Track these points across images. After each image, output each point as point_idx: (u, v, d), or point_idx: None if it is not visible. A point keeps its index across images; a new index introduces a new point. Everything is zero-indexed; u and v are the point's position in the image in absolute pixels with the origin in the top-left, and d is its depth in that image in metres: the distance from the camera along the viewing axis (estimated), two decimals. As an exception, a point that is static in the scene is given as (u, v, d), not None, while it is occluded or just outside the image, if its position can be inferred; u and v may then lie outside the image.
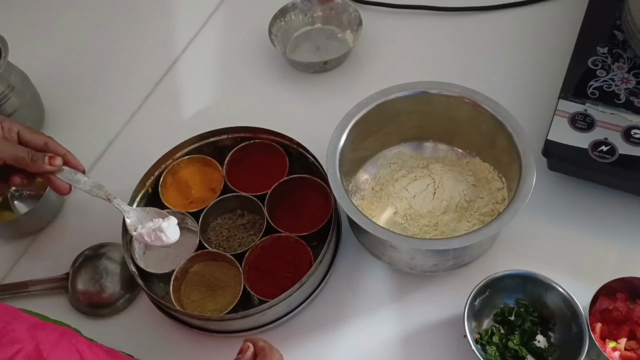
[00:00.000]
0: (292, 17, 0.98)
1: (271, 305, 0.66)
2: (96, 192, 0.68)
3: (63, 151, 0.67)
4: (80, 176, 0.68)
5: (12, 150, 0.64)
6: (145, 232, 0.68)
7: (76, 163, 0.68)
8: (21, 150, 0.64)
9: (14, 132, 0.65)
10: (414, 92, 0.75)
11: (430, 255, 0.67)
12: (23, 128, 0.66)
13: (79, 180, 0.67)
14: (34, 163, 0.64)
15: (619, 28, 0.81)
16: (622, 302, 0.68)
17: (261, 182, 0.78)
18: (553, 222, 0.76)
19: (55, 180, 0.66)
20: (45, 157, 0.65)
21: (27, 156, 0.64)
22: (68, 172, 0.67)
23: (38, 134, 0.67)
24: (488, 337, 0.67)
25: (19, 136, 0.65)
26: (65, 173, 0.67)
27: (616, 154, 0.72)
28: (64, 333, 0.55)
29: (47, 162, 0.65)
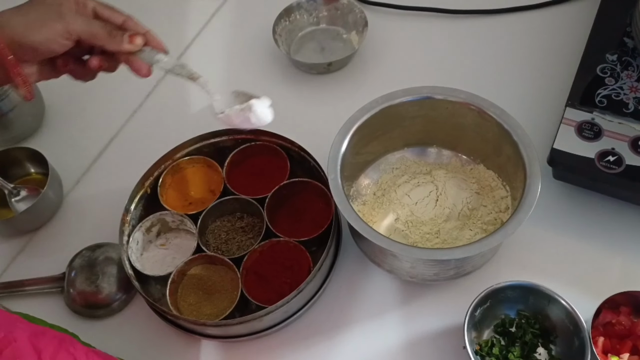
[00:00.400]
0: (297, 16, 0.97)
1: (268, 311, 0.65)
2: (179, 71, 0.63)
3: (143, 30, 0.62)
4: (161, 55, 0.62)
5: (86, 24, 0.58)
6: (233, 113, 0.63)
7: (157, 44, 0.62)
8: (96, 25, 0.58)
9: (89, 8, 0.59)
10: (419, 97, 0.73)
11: (432, 265, 0.66)
12: (98, 4, 0.60)
13: (160, 60, 0.62)
14: (112, 39, 0.59)
15: (629, 35, 0.80)
16: (626, 316, 0.66)
17: (261, 184, 0.77)
18: (557, 233, 0.75)
19: (134, 60, 0.61)
20: (125, 35, 0.59)
21: (104, 31, 0.58)
22: (149, 52, 0.62)
23: (115, 11, 0.61)
24: (488, 348, 0.66)
25: (95, 12, 0.59)
26: (146, 53, 0.62)
27: (623, 164, 0.70)
28: (63, 341, 0.54)
29: (127, 39, 0.59)
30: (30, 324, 0.56)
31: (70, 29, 0.57)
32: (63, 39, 0.57)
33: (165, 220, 0.75)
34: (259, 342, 0.71)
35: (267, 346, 0.71)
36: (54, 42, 0.57)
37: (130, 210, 0.74)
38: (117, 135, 0.90)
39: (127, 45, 0.60)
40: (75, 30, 0.57)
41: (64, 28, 0.56)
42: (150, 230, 0.75)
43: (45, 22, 0.56)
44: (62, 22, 0.56)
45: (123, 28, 0.61)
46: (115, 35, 0.59)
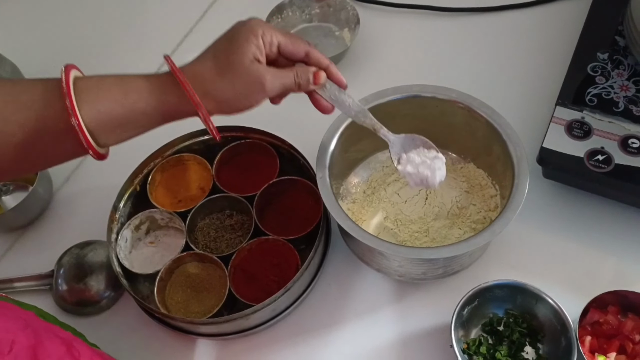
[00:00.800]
0: (289, 13, 0.96)
1: (255, 310, 0.65)
2: (362, 120, 0.63)
3: (326, 62, 0.61)
4: (345, 96, 0.62)
5: (280, 84, 0.58)
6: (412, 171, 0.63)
7: (339, 78, 0.62)
8: (288, 78, 0.59)
9: (275, 47, 0.59)
10: (409, 95, 0.73)
11: (419, 264, 0.66)
12: (283, 38, 0.59)
13: (343, 102, 0.62)
14: (299, 87, 0.60)
15: (620, 34, 0.80)
16: (614, 315, 0.66)
17: (251, 182, 0.76)
18: (546, 231, 0.75)
19: (318, 99, 0.62)
20: (310, 76, 0.60)
21: (294, 84, 0.59)
22: (331, 89, 0.61)
23: (298, 43, 0.60)
24: (475, 347, 0.66)
25: (280, 49, 0.59)
26: (329, 91, 0.61)
27: (612, 163, 0.70)
28: (70, 347, 0.54)
29: (312, 81, 0.60)
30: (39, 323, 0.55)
31: (270, 95, 0.59)
32: (262, 101, 0.59)
33: (155, 217, 0.75)
34: (247, 340, 0.71)
35: (256, 344, 0.71)
36: (251, 107, 0.59)
37: (119, 208, 0.74)
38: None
39: (312, 87, 0.61)
40: (274, 94, 0.59)
41: (265, 96, 0.59)
42: (139, 228, 0.75)
43: (251, 94, 0.58)
44: (264, 93, 0.58)
45: (305, 61, 0.61)
46: (301, 85, 0.60)
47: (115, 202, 0.74)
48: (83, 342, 0.57)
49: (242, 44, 0.57)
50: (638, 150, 0.71)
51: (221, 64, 0.57)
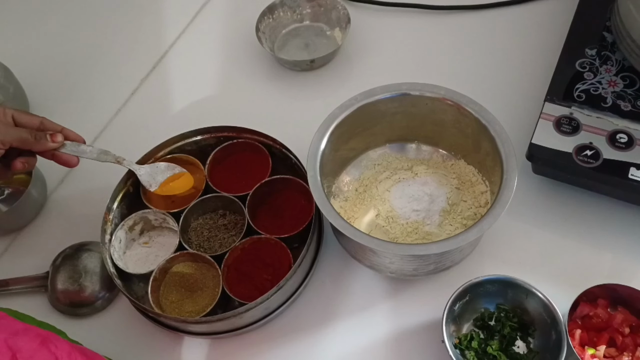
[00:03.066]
0: (281, 13, 0.97)
1: (248, 308, 0.66)
2: (104, 158, 0.71)
3: (59, 127, 0.69)
4: (84, 147, 0.70)
5: (15, 133, 0.65)
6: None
7: (75, 136, 0.71)
8: (24, 132, 0.66)
9: (9, 117, 0.66)
10: (398, 93, 0.74)
11: (410, 260, 0.66)
12: (16, 111, 0.67)
13: (84, 151, 0.70)
14: (37, 142, 0.66)
15: (608, 30, 0.80)
16: (603, 308, 0.67)
17: (244, 182, 0.77)
18: (537, 227, 0.76)
19: (60, 155, 0.69)
20: (47, 135, 0.67)
21: (30, 136, 0.66)
22: (71, 145, 0.70)
23: (32, 116, 0.68)
24: (467, 342, 0.67)
25: (14, 119, 0.67)
26: (69, 147, 0.69)
27: (600, 158, 0.71)
28: (46, 339, 0.54)
29: (50, 139, 0.67)
30: (13, 322, 0.56)
31: (3, 140, 0.64)
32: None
33: (148, 218, 0.76)
34: (241, 339, 0.71)
35: (250, 342, 0.72)
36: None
37: (113, 209, 0.75)
38: (101, 135, 0.90)
39: (50, 144, 0.68)
40: (8, 140, 0.65)
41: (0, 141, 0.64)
42: (133, 228, 0.76)
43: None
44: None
45: (41, 129, 0.68)
46: (40, 138, 0.67)
47: (108, 203, 0.74)
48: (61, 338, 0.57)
49: None
50: (626, 145, 0.71)
51: None
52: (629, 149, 0.71)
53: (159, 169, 0.75)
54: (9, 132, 0.65)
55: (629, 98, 0.75)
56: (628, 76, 0.76)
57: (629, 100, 0.74)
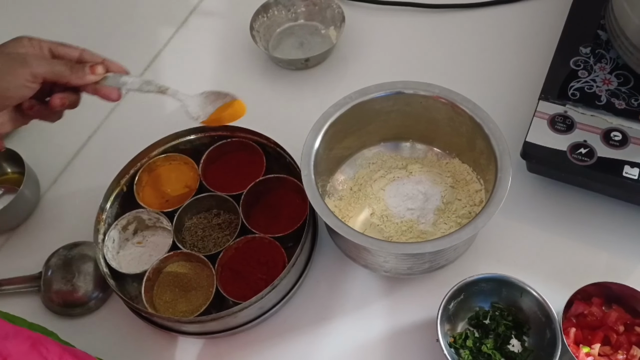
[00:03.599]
0: (275, 12, 0.96)
1: (242, 307, 0.65)
2: (147, 88, 0.64)
3: (100, 59, 0.63)
4: (125, 77, 0.64)
5: (49, 65, 0.59)
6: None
7: (118, 68, 0.64)
8: (58, 64, 0.60)
9: (45, 49, 0.61)
10: (392, 92, 0.73)
11: (404, 259, 0.66)
12: (52, 43, 0.62)
13: (125, 82, 0.64)
14: (75, 74, 0.60)
15: (602, 28, 0.80)
16: (598, 307, 0.67)
17: (238, 181, 0.77)
18: (532, 225, 0.76)
19: (101, 89, 0.63)
20: (86, 67, 0.61)
21: (66, 68, 0.60)
22: (113, 77, 0.63)
23: (70, 47, 0.62)
24: (462, 340, 0.67)
25: (51, 52, 0.61)
26: (110, 79, 0.63)
27: (595, 156, 0.71)
28: (36, 342, 0.54)
29: (89, 71, 0.61)
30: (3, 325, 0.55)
31: (35, 72, 0.58)
32: (30, 82, 0.58)
33: (142, 218, 0.76)
34: (235, 338, 0.71)
35: (244, 342, 0.71)
36: (22, 88, 0.58)
37: (106, 209, 0.74)
38: (95, 134, 0.90)
39: (90, 76, 0.61)
40: (40, 72, 0.59)
41: (30, 72, 0.58)
42: (126, 228, 0.75)
43: (12, 70, 0.58)
44: (28, 67, 0.58)
45: (80, 61, 0.62)
46: (77, 70, 0.61)
47: (101, 203, 0.74)
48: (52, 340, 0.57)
49: (5, 43, 0.60)
50: (620, 143, 0.71)
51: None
52: (623, 147, 0.71)
53: (208, 99, 0.66)
54: (42, 63, 0.59)
55: (623, 96, 0.75)
56: (622, 74, 0.76)
57: (623, 98, 0.74)
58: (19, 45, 0.60)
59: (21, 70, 0.58)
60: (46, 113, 0.63)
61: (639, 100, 0.74)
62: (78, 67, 0.61)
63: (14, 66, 0.58)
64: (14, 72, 0.58)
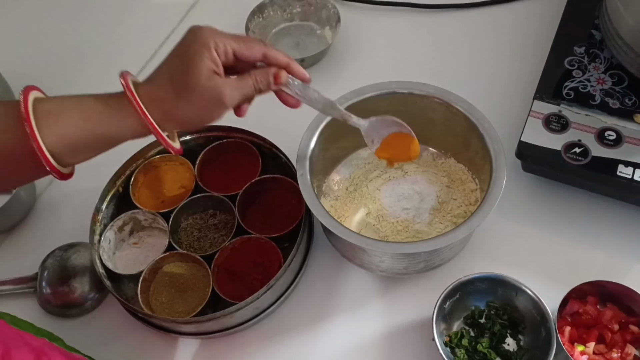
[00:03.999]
0: (271, 13, 0.97)
1: (238, 307, 0.65)
2: (330, 112, 0.63)
3: (285, 60, 0.60)
4: (310, 91, 0.62)
5: (239, 94, 0.58)
6: None
7: (302, 73, 0.61)
8: (247, 87, 0.58)
9: (230, 54, 0.57)
10: (388, 92, 0.74)
11: (400, 258, 0.66)
12: (236, 44, 0.57)
13: (310, 97, 0.62)
14: (260, 90, 0.59)
15: (597, 28, 0.81)
16: (593, 305, 0.67)
17: (234, 181, 0.77)
18: (527, 224, 0.76)
19: (283, 94, 0.62)
20: (270, 78, 0.59)
21: (254, 90, 0.59)
22: (297, 85, 0.61)
23: (253, 46, 0.59)
24: (457, 339, 0.67)
25: (235, 55, 0.58)
26: (294, 87, 0.61)
27: (589, 156, 0.71)
28: (40, 354, 0.53)
29: (272, 82, 0.59)
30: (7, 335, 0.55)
31: (229, 108, 0.58)
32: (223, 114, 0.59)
33: (138, 218, 0.76)
34: (232, 339, 0.71)
35: (240, 342, 0.71)
36: (217, 119, 0.59)
37: (102, 210, 0.74)
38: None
39: (274, 87, 0.60)
40: (233, 105, 0.59)
41: (225, 109, 0.58)
42: (122, 229, 0.75)
43: (210, 111, 0.57)
44: (224, 107, 0.58)
45: (264, 62, 0.60)
46: (262, 89, 0.59)
47: (97, 203, 0.74)
48: (58, 347, 0.56)
49: (197, 61, 0.55)
50: (614, 142, 0.72)
51: (178, 84, 0.55)
52: (617, 146, 0.71)
53: (384, 122, 0.65)
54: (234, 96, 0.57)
55: (617, 95, 0.75)
56: (616, 74, 0.77)
57: (617, 97, 0.75)
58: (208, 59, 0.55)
59: (218, 111, 0.57)
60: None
61: (633, 99, 0.74)
62: (263, 83, 0.59)
63: (212, 108, 0.57)
64: (211, 113, 0.57)
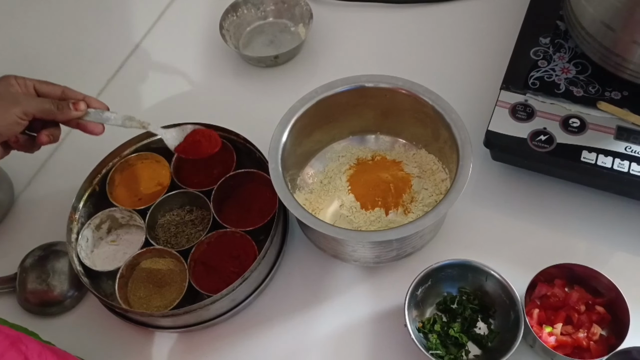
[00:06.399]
0: (245, 11, 0.98)
1: (214, 300, 0.67)
2: (129, 124, 0.70)
3: (81, 96, 0.68)
4: (107, 114, 0.69)
5: (38, 104, 0.64)
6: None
7: (99, 104, 0.69)
8: (47, 102, 0.65)
9: (31, 87, 0.65)
10: (357, 85, 0.75)
11: (371, 247, 0.68)
12: (37, 82, 0.66)
13: (108, 118, 0.68)
14: (61, 112, 0.65)
15: (561, 18, 0.83)
16: (560, 288, 0.69)
17: (210, 177, 0.78)
18: (497, 212, 0.78)
19: (85, 124, 0.68)
20: (70, 104, 0.66)
21: (53, 106, 0.65)
22: (95, 113, 0.68)
23: (53, 85, 0.67)
24: (430, 325, 0.69)
25: (36, 90, 0.66)
26: (93, 115, 0.68)
27: (554, 143, 0.73)
28: (16, 340, 0.54)
29: (73, 108, 0.66)
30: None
31: (26, 111, 0.63)
32: (22, 120, 0.63)
33: (115, 216, 0.77)
34: (210, 331, 0.72)
35: (219, 334, 0.73)
36: (14, 125, 0.63)
37: (79, 209, 0.75)
38: (68, 135, 0.90)
39: (74, 113, 0.66)
40: (31, 111, 0.64)
41: (22, 111, 0.63)
42: (100, 227, 0.76)
43: (4, 110, 0.62)
44: (20, 106, 0.63)
45: (63, 98, 0.67)
46: (63, 107, 0.65)
47: (74, 202, 0.75)
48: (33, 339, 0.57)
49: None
50: (578, 129, 0.73)
51: None
52: (581, 133, 0.73)
53: (184, 131, 0.72)
54: (31, 102, 0.64)
55: (581, 84, 0.77)
56: (580, 63, 0.79)
57: (581, 86, 0.77)
58: (7, 84, 0.64)
59: (14, 110, 0.62)
60: (28, 145, 0.68)
61: (596, 87, 0.76)
62: (63, 104, 0.66)
63: (5, 105, 0.62)
64: (6, 111, 0.62)
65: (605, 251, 0.74)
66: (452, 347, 0.68)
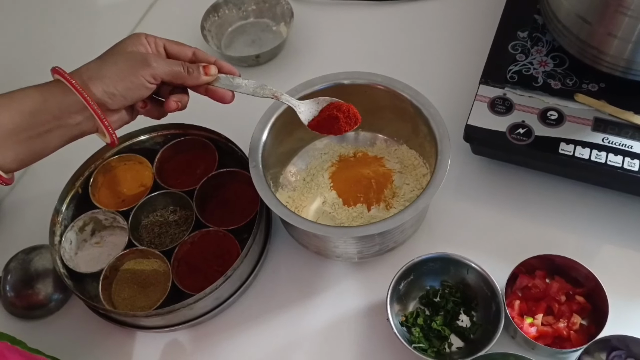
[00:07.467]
0: (226, 11, 0.98)
1: (197, 299, 0.67)
2: (261, 92, 0.65)
3: (213, 59, 0.64)
4: (239, 80, 0.65)
5: (167, 66, 0.60)
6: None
7: (229, 68, 0.65)
8: (176, 64, 0.60)
9: (161, 47, 0.62)
10: (335, 83, 0.76)
11: (352, 243, 0.68)
12: (167, 41, 0.62)
13: (239, 85, 0.64)
14: (190, 76, 0.61)
15: (538, 12, 0.83)
16: (541, 279, 0.70)
17: (192, 178, 0.78)
18: (478, 205, 0.78)
19: (215, 90, 0.64)
20: (200, 68, 0.62)
21: (183, 69, 0.61)
22: (225, 79, 0.64)
23: (184, 46, 0.63)
24: (413, 319, 0.69)
25: (166, 50, 0.62)
26: (223, 80, 0.64)
27: (532, 135, 0.74)
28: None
29: (203, 72, 0.62)
30: None
31: (155, 73, 0.59)
32: (150, 83, 0.59)
33: (98, 218, 0.77)
34: (195, 330, 0.73)
35: (204, 333, 0.73)
36: (143, 88, 0.59)
37: (61, 211, 0.75)
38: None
39: (204, 77, 0.62)
40: (160, 74, 0.59)
41: (151, 74, 0.59)
42: (83, 229, 0.76)
43: (134, 71, 0.58)
44: (149, 68, 0.59)
45: (193, 61, 0.63)
46: (192, 71, 0.61)
47: (57, 205, 0.75)
48: (19, 349, 0.57)
49: (124, 41, 0.61)
50: (556, 121, 0.74)
51: (104, 55, 0.60)
52: (559, 125, 0.74)
53: (320, 105, 0.67)
54: (161, 65, 0.59)
55: (558, 77, 0.78)
56: (558, 56, 0.79)
57: (559, 78, 0.78)
58: (138, 43, 0.60)
59: (143, 72, 0.58)
60: (155, 111, 0.64)
61: (573, 79, 0.77)
62: (193, 67, 0.61)
63: (136, 66, 0.58)
64: (136, 72, 0.58)
65: (585, 241, 0.75)
66: (435, 340, 0.68)
